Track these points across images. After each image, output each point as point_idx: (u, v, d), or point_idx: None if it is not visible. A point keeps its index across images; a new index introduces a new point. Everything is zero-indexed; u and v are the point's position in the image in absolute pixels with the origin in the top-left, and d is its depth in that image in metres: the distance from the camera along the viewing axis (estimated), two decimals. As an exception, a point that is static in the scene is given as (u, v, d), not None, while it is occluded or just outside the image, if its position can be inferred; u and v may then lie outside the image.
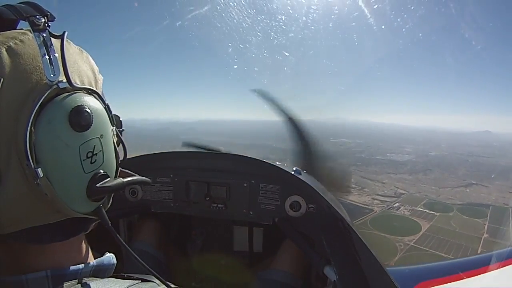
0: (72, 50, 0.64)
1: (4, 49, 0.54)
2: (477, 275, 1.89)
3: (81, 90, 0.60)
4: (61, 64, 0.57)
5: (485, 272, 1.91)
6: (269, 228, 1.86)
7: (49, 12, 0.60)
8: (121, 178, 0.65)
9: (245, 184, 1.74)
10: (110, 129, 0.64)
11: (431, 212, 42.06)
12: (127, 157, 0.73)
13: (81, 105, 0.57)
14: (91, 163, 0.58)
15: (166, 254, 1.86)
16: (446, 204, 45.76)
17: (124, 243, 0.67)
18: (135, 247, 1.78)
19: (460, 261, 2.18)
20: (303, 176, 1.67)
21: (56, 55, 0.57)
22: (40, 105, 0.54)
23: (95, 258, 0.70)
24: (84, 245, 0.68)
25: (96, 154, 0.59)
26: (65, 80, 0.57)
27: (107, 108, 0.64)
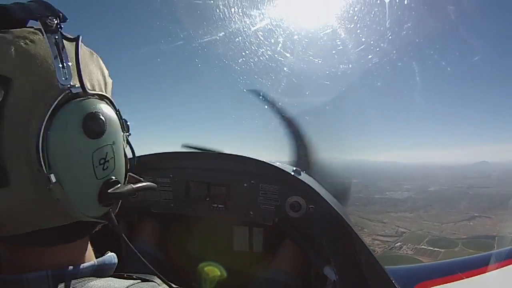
0: (83, 52, 0.61)
1: (14, 48, 0.52)
2: (477, 275, 1.88)
3: (94, 96, 0.59)
4: (76, 69, 0.56)
5: (484, 272, 1.90)
6: (269, 228, 1.86)
7: (61, 13, 0.58)
8: (131, 185, 0.65)
9: (245, 184, 1.75)
10: (121, 135, 0.63)
11: (435, 249, 40.43)
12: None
13: (95, 112, 0.57)
14: (103, 169, 0.58)
15: (166, 254, 1.85)
16: (450, 240, 44.05)
17: (130, 244, 0.69)
18: (135, 247, 1.77)
19: (460, 261, 2.16)
20: (303, 177, 1.69)
21: (69, 58, 0.56)
22: (52, 109, 0.53)
23: (95, 258, 0.71)
24: (86, 245, 0.69)
25: (108, 160, 0.59)
26: (78, 85, 0.56)
27: (118, 114, 0.64)
